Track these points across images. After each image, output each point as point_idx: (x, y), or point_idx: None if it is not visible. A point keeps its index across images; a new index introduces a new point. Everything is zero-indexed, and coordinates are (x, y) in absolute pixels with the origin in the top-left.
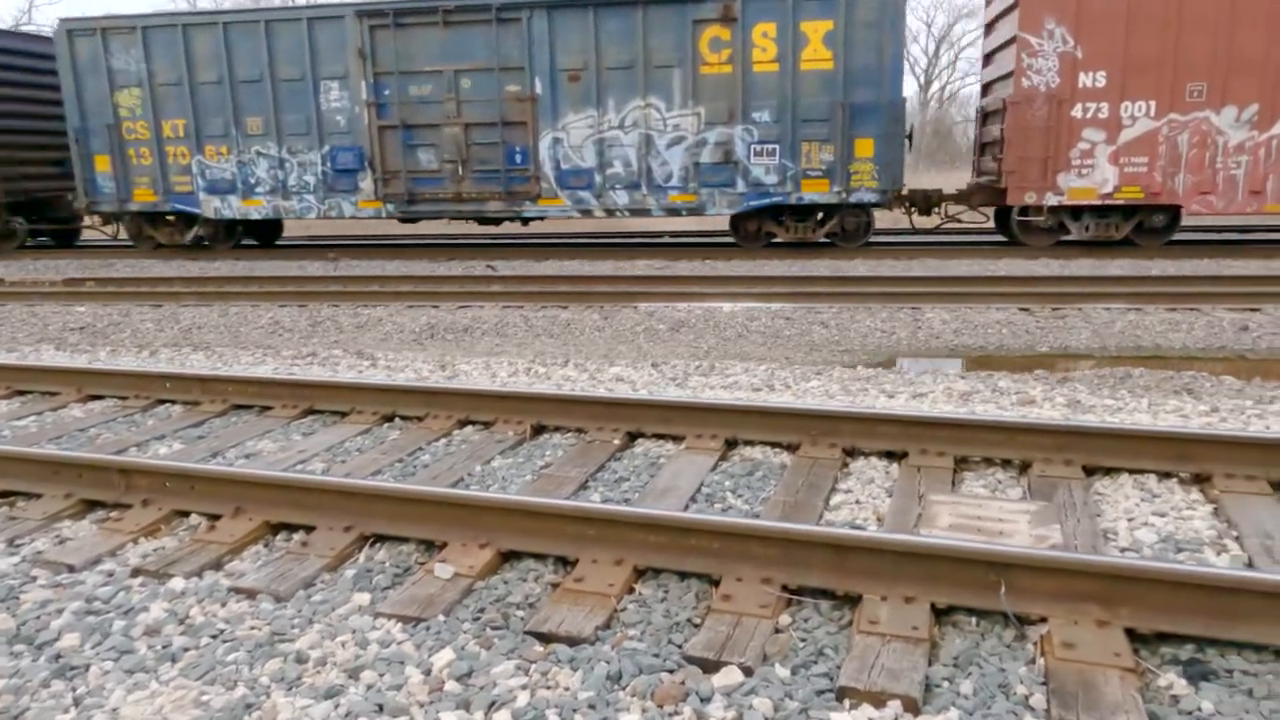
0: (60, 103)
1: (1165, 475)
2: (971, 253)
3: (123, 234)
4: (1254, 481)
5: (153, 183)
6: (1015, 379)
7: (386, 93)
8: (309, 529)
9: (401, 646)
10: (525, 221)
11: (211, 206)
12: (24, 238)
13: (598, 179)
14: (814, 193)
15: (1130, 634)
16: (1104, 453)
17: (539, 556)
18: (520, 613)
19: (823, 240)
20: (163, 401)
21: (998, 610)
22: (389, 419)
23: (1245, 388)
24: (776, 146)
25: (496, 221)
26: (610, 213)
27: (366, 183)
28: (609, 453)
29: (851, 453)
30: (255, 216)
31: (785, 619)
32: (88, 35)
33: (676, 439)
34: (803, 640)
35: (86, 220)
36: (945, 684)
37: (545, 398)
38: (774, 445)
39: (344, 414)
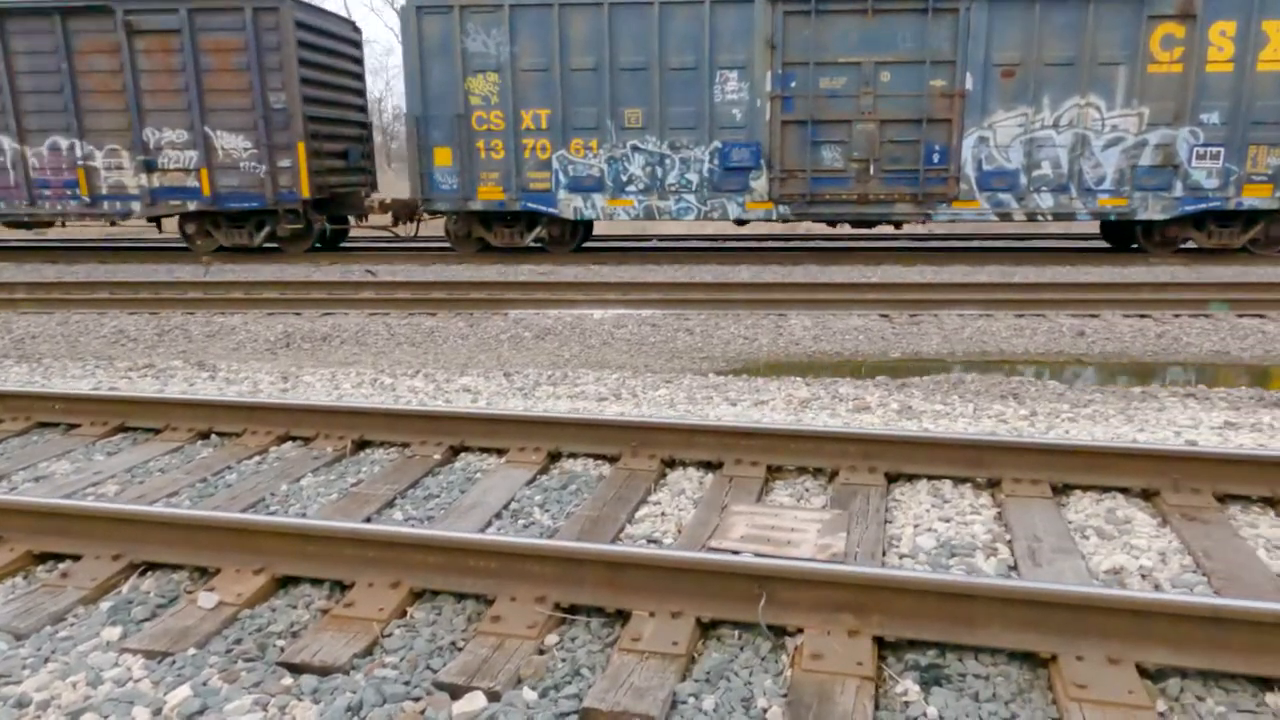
0: (348, 89)
1: (960, 481)
2: (847, 258)
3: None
4: (1037, 485)
5: (503, 179)
6: (856, 385)
7: (793, 84)
8: (76, 558)
9: (138, 685)
10: (898, 225)
11: (571, 206)
12: (319, 237)
13: (1023, 181)
14: (1255, 198)
15: (880, 642)
16: (906, 460)
17: (315, 581)
18: (281, 642)
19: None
20: None
21: (761, 623)
22: (205, 436)
23: (1066, 392)
24: (1222, 150)
25: (871, 224)
26: (1031, 216)
27: (760, 182)
28: (426, 468)
29: (671, 463)
30: (623, 217)
31: (553, 639)
32: (441, 13)
33: (500, 452)
34: (563, 660)
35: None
36: (690, 700)
37: (369, 411)
38: (596, 457)
39: (157, 431)
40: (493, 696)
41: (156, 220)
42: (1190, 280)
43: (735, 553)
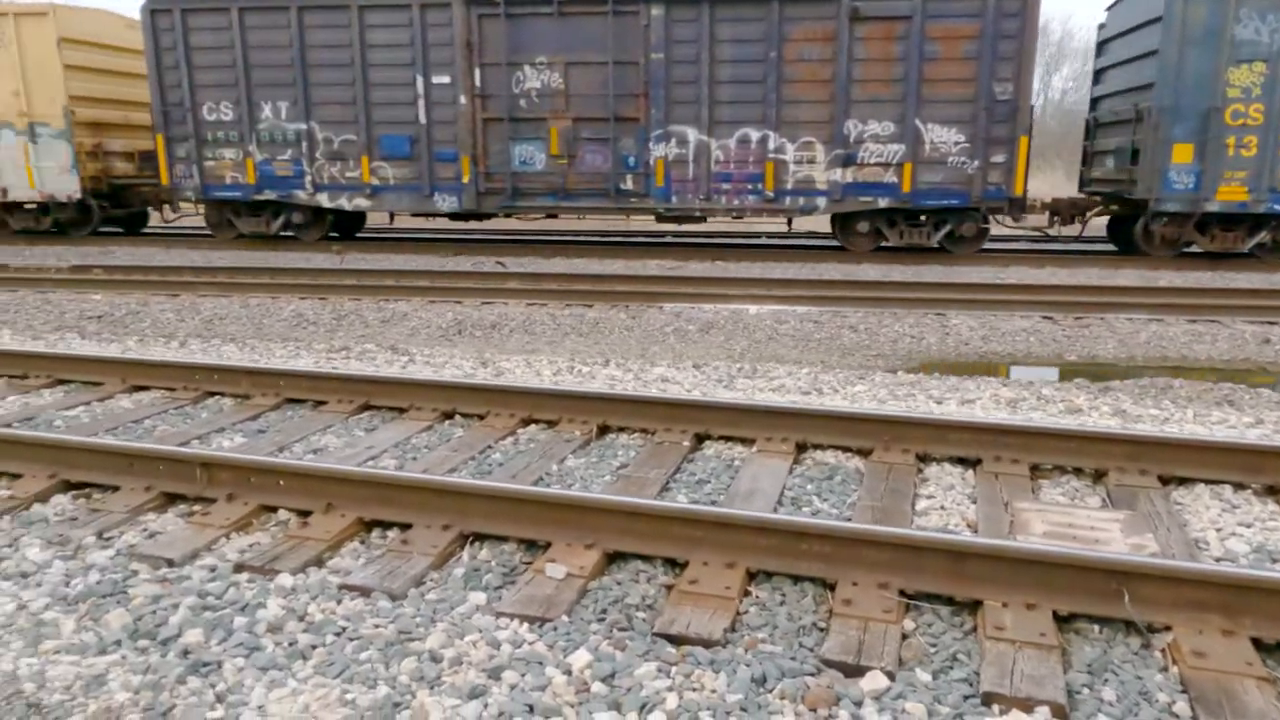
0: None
1: (1239, 486)
2: (987, 260)
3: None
4: None
5: (1250, 178)
6: (1057, 387)
7: None
8: (404, 526)
9: (534, 647)
10: None
11: None
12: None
13: None
14: None
15: (1255, 643)
16: (1178, 463)
17: (645, 558)
18: (641, 614)
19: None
20: (211, 394)
21: (1119, 618)
22: (449, 416)
23: None
24: None
25: None
26: None
27: None
28: (681, 454)
29: (924, 458)
30: None
31: (909, 624)
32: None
33: (744, 441)
34: (932, 645)
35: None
36: (1086, 691)
37: (611, 398)
38: (844, 450)
39: (402, 410)
40: (889, 676)
41: (789, 218)
42: None
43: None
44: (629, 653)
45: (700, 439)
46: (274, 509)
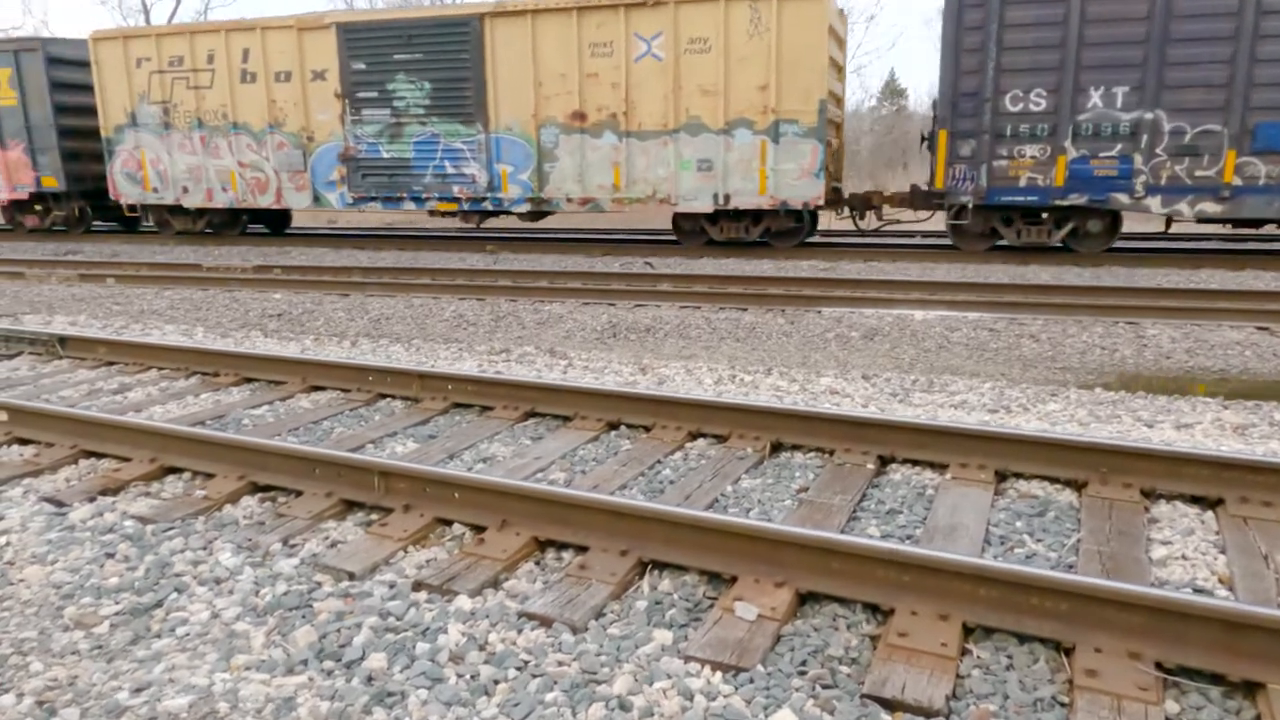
0: None
1: None
2: (1172, 261)
3: None
4: None
5: None
6: None
7: None
8: (580, 549)
9: (730, 700)
10: None
11: None
12: None
13: None
14: None
15: None
16: None
17: (843, 601)
18: (845, 669)
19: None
20: (383, 396)
21: None
22: (614, 426)
23: None
24: None
25: None
26: None
27: None
28: (865, 479)
29: (1149, 494)
30: None
31: (1171, 705)
32: None
33: (935, 467)
34: None
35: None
36: None
37: (784, 413)
38: (1053, 481)
39: (566, 419)
40: None
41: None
42: None
43: None
44: (838, 717)
45: (884, 461)
46: (449, 522)
